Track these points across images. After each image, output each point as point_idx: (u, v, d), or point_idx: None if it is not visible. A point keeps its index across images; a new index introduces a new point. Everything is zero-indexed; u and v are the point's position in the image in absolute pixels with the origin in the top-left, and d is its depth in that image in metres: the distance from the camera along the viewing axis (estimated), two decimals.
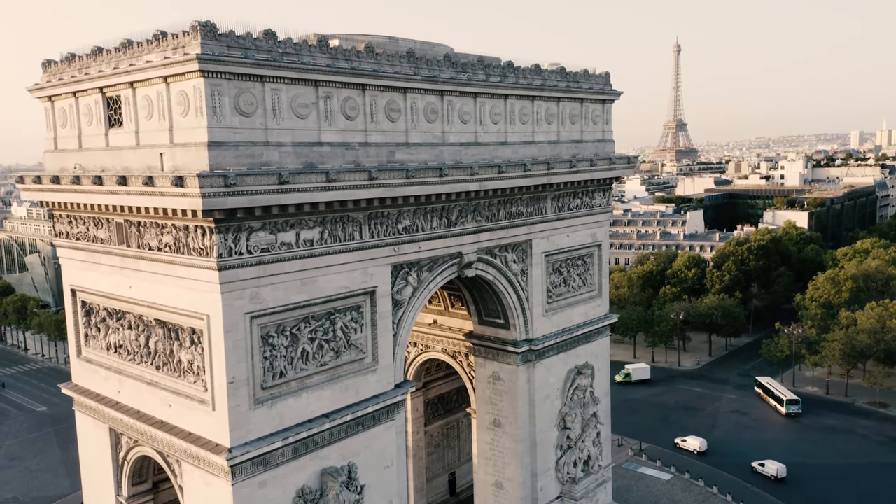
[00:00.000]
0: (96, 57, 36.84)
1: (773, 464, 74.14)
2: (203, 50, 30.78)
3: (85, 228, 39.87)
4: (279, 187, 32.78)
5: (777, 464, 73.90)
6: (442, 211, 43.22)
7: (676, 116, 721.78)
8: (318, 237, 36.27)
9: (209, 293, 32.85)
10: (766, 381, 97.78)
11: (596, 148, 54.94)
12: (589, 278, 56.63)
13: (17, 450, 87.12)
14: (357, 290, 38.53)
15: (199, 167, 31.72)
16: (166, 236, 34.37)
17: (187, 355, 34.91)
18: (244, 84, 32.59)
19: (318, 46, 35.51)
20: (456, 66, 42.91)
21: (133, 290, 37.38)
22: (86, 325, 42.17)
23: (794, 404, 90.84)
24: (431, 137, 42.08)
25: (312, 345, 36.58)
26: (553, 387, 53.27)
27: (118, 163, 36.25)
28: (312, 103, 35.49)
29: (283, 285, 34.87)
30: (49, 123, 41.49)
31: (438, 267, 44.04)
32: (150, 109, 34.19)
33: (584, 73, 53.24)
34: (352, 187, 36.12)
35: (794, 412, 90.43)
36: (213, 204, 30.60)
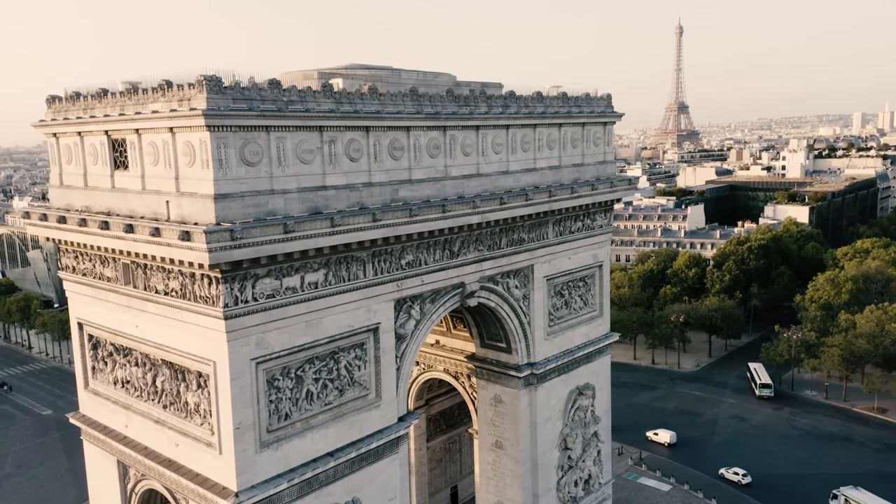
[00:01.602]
0: (101, 99, 37.16)
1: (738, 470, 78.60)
2: (209, 105, 31.09)
3: (91, 265, 40.28)
4: (285, 236, 33.21)
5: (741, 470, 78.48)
6: (445, 243, 43.61)
7: (678, 99, 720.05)
8: (323, 279, 36.70)
9: (215, 340, 33.34)
10: (754, 367, 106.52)
11: (597, 170, 55.18)
12: (590, 298, 57.08)
13: (23, 457, 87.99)
14: (361, 328, 39.03)
15: (205, 218, 32.13)
16: (173, 282, 34.79)
17: (194, 398, 35.47)
18: (250, 134, 32.89)
19: (322, 91, 35.74)
20: (458, 100, 43.09)
21: (140, 330, 37.88)
22: (92, 358, 42.70)
23: (767, 388, 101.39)
24: (434, 172, 42.36)
25: (317, 385, 37.13)
26: (554, 408, 53.87)
27: (124, 205, 36.62)
28: (317, 148, 35.78)
29: (287, 329, 35.36)
30: (54, 158, 41.85)
31: (441, 298, 44.51)
32: (155, 156, 34.52)
33: (585, 98, 53.42)
34: (356, 230, 36.53)
35: (767, 395, 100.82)
36: (220, 258, 31.02)
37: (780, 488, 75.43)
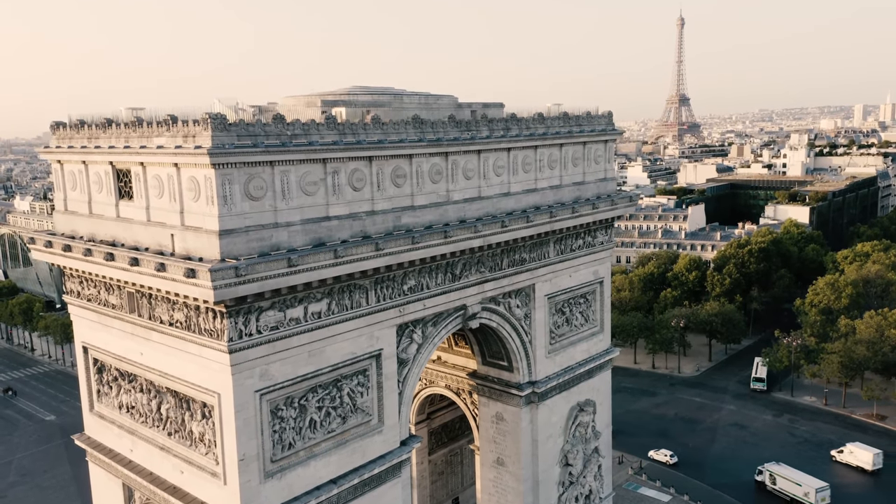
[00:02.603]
0: (105, 129, 37.44)
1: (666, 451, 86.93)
2: (214, 142, 31.33)
3: (96, 292, 40.60)
4: (289, 270, 33.53)
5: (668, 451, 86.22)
6: (447, 267, 43.89)
7: (679, 91, 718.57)
8: (326, 308, 37.01)
9: (220, 373, 33.69)
10: (757, 361, 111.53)
11: (598, 188, 55.39)
12: (591, 315, 57.41)
13: (27, 464, 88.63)
14: (363, 355, 39.37)
15: (210, 253, 32.42)
16: (177, 313, 35.11)
17: (198, 427, 35.84)
18: (254, 169, 33.13)
19: (325, 124, 35.96)
20: (460, 125, 43.25)
21: (144, 357, 38.23)
22: (98, 381, 43.07)
23: (759, 381, 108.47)
24: (436, 197, 42.55)
25: (320, 413, 37.49)
26: (555, 425, 54.27)
27: (129, 235, 36.91)
28: (321, 179, 36.01)
29: (291, 359, 35.69)
30: (58, 184, 42.14)
31: (443, 321, 44.84)
32: (160, 188, 34.79)
33: (586, 116, 53.62)
34: (359, 260, 36.83)
35: (760, 388, 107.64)
36: (225, 294, 31.33)
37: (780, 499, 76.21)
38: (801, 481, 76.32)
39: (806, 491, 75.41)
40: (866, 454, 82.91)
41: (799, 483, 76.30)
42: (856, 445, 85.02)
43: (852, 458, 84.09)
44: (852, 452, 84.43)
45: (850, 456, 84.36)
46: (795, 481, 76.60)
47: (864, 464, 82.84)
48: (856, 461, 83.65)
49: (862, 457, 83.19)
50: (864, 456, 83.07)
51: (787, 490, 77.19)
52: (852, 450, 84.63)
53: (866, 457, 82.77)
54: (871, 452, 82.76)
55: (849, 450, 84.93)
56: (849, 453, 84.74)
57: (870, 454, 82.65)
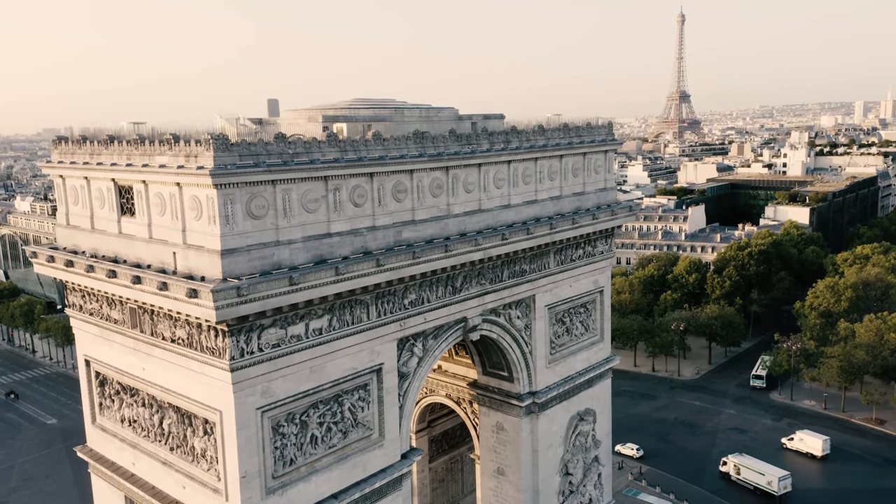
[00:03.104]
0: (107, 146, 37.59)
1: None
2: (216, 163, 31.49)
3: (98, 306, 40.77)
4: (290, 288, 33.69)
5: None
6: (447, 280, 44.06)
7: (680, 88, 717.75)
8: (327, 325, 37.19)
9: (222, 391, 33.88)
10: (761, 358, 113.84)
11: (598, 198, 55.52)
12: (591, 324, 57.58)
13: (30, 468, 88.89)
14: (364, 370, 39.56)
15: (212, 273, 32.60)
16: (179, 330, 35.29)
17: (200, 443, 36.05)
18: (256, 188, 33.27)
19: (326, 141, 36.09)
20: (460, 139, 43.39)
21: (146, 373, 38.41)
22: (100, 395, 43.26)
23: (759, 378, 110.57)
24: (437, 211, 42.70)
25: (321, 429, 37.68)
26: (556, 435, 54.48)
27: (131, 252, 37.07)
28: (322, 197, 36.15)
29: (292, 376, 35.88)
30: (60, 198, 42.31)
31: (444, 334, 45.02)
32: (162, 206, 34.95)
33: (586, 127, 53.72)
34: (360, 276, 37.00)
35: (759, 385, 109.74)
36: (227, 314, 31.51)
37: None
38: (765, 471, 79.85)
39: (769, 480, 78.81)
40: (816, 441, 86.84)
41: (762, 472, 79.79)
42: (805, 433, 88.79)
43: (802, 445, 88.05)
44: (802, 440, 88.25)
45: (801, 443, 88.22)
46: (759, 471, 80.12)
47: (814, 450, 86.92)
48: (806, 448, 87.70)
49: (812, 444, 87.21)
50: (813, 443, 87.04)
51: (751, 479, 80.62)
52: (802, 437, 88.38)
53: (816, 444, 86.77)
54: (820, 439, 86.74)
55: (799, 437, 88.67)
56: (799, 440, 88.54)
57: (819, 441, 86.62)
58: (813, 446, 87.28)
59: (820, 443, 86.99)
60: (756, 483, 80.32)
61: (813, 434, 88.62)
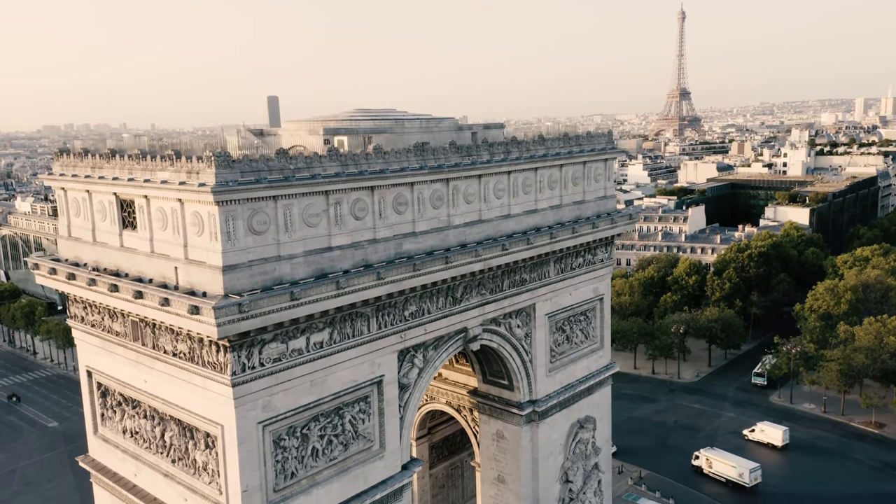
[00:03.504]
0: (109, 160, 37.75)
1: None
2: (218, 180, 31.61)
3: (100, 318, 40.93)
4: (291, 304, 33.85)
5: None
6: (447, 291, 44.19)
7: (680, 85, 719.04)
8: (328, 338, 37.34)
9: (223, 405, 34.05)
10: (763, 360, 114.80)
11: (598, 206, 55.63)
12: (591, 332, 57.74)
13: (31, 473, 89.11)
14: (365, 382, 39.70)
15: (213, 288, 32.74)
16: (181, 344, 35.45)
17: (202, 456, 36.22)
18: (257, 204, 33.39)
19: (328, 156, 36.23)
20: (461, 150, 43.49)
21: (148, 385, 38.59)
22: (101, 405, 43.43)
23: (760, 377, 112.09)
24: (437, 223, 42.80)
25: (322, 441, 37.85)
26: (556, 443, 54.66)
27: (133, 266, 37.21)
28: (323, 211, 36.27)
29: (293, 389, 36.03)
30: (62, 210, 42.43)
31: (444, 344, 45.16)
32: (164, 221, 35.09)
33: (586, 136, 53.87)
34: (361, 289, 37.15)
35: (759, 383, 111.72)
36: (228, 331, 31.67)
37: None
38: (736, 463, 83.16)
39: (741, 472, 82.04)
40: (776, 432, 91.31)
41: (734, 465, 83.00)
42: (766, 424, 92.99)
43: (763, 436, 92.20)
44: (763, 431, 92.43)
45: (762, 434, 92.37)
46: (730, 464, 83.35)
47: (775, 441, 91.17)
48: (767, 439, 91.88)
49: (772, 434, 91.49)
50: (774, 434, 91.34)
51: (723, 472, 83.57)
52: (763, 428, 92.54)
53: (776, 434, 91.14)
54: (780, 430, 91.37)
55: (760, 428, 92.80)
56: (760, 431, 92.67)
57: (779, 432, 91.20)
58: (773, 437, 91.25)
59: (780, 433, 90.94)
60: (728, 476, 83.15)
61: (773, 425, 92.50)
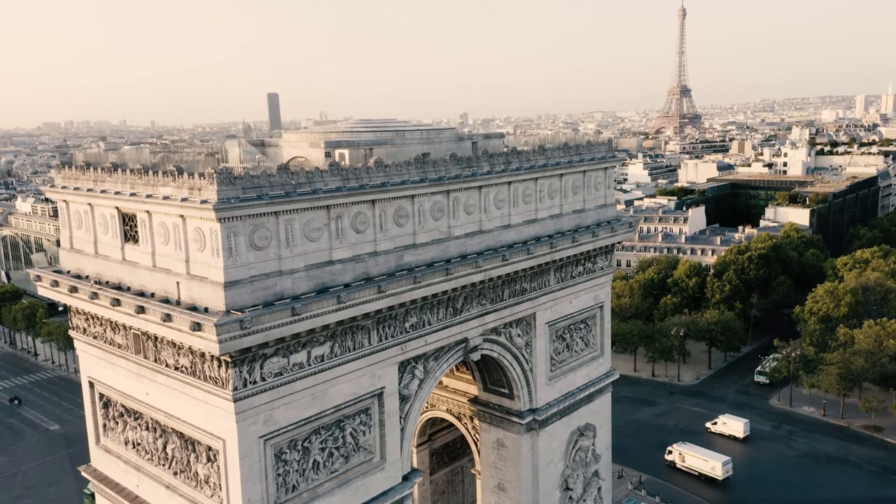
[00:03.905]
0: (111, 173, 37.86)
1: None
2: (220, 197, 31.75)
3: (102, 330, 41.10)
4: (292, 319, 34.02)
5: None
6: (448, 302, 44.35)
7: (681, 82, 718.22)
8: (329, 351, 37.51)
9: (225, 420, 34.23)
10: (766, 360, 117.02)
11: (598, 214, 55.76)
12: (591, 339, 57.91)
13: (33, 476, 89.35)
14: (365, 394, 39.88)
15: (215, 304, 32.90)
16: (183, 359, 35.62)
17: (204, 470, 36.41)
18: (259, 220, 33.51)
19: (329, 170, 36.36)
20: (461, 162, 43.59)
21: (150, 398, 38.77)
22: (104, 416, 43.64)
23: (763, 375, 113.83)
24: (438, 234, 42.95)
25: (323, 454, 38.03)
26: (556, 451, 54.86)
27: (135, 279, 37.36)
28: (324, 225, 36.41)
29: (295, 403, 36.22)
30: (64, 222, 42.59)
31: (445, 355, 45.35)
32: (166, 236, 35.24)
33: (586, 145, 53.95)
34: (362, 303, 37.32)
35: (762, 381, 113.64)
36: (229, 347, 31.85)
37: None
38: (708, 457, 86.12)
39: (713, 465, 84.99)
40: (738, 424, 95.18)
41: (706, 459, 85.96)
42: (728, 417, 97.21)
43: (725, 429, 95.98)
44: (725, 423, 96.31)
45: (724, 426, 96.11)
46: (703, 458, 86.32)
47: (736, 432, 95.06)
48: (729, 431, 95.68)
49: (734, 426, 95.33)
50: (735, 426, 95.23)
51: (696, 466, 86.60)
52: (725, 421, 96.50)
53: (738, 426, 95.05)
54: (741, 422, 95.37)
55: (722, 421, 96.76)
56: (722, 424, 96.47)
57: (741, 424, 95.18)
58: (735, 429, 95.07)
59: (741, 425, 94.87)
60: (700, 469, 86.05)
61: (734, 418, 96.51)
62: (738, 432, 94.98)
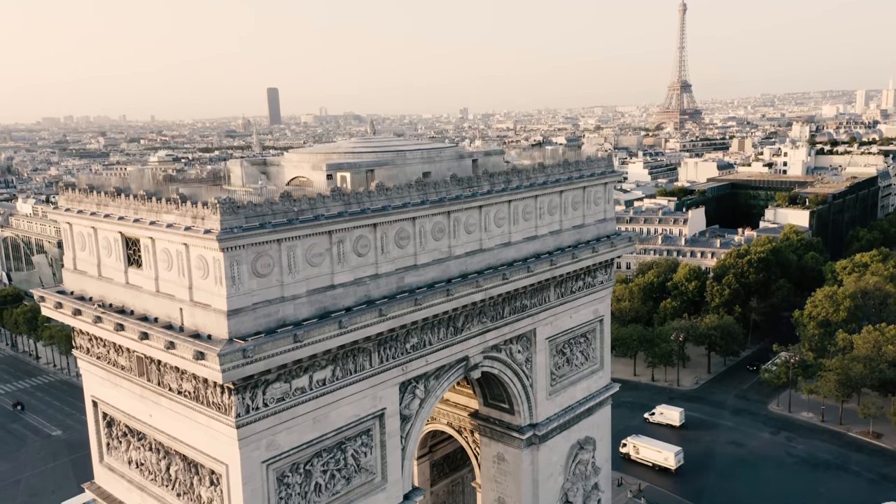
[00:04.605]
0: (114, 198, 38.14)
1: None
2: (223, 226, 32.03)
3: (105, 351, 41.42)
4: (294, 346, 34.35)
5: None
6: (449, 321, 44.66)
7: (681, 77, 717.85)
8: (331, 375, 37.85)
9: (227, 445, 34.59)
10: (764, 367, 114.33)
11: (598, 229, 56.01)
12: (591, 353, 58.24)
13: (35, 483, 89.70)
14: (367, 416, 40.24)
15: (218, 332, 33.22)
16: (186, 384, 35.94)
17: (207, 493, 36.78)
18: (261, 248, 33.82)
19: (331, 196, 36.63)
20: (461, 183, 43.82)
21: (153, 419, 39.11)
22: (107, 435, 44.00)
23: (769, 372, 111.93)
24: (439, 254, 43.22)
25: (325, 476, 38.41)
26: (556, 465, 55.23)
27: (139, 303, 37.68)
28: (326, 250, 36.70)
29: (297, 427, 36.58)
30: (67, 243, 42.92)
31: (445, 374, 45.70)
32: (169, 262, 35.53)
33: (586, 161, 54.21)
34: (363, 327, 37.64)
35: None
36: (232, 376, 32.20)
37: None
38: (661, 448, 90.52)
39: (665, 457, 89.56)
40: (674, 413, 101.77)
41: (659, 450, 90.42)
42: (665, 407, 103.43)
43: (662, 418, 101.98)
44: (662, 413, 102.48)
45: (661, 416, 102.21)
46: (656, 449, 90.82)
47: (673, 421, 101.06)
48: (666, 420, 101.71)
49: (670, 415, 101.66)
50: (672, 415, 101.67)
51: (650, 458, 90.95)
52: (662, 411, 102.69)
53: (674, 415, 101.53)
54: (677, 411, 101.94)
55: (659, 411, 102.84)
56: (659, 414, 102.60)
57: (677, 413, 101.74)
58: (671, 418, 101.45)
59: (677, 414, 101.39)
60: (654, 460, 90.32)
61: (671, 408, 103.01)
62: (674, 421, 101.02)
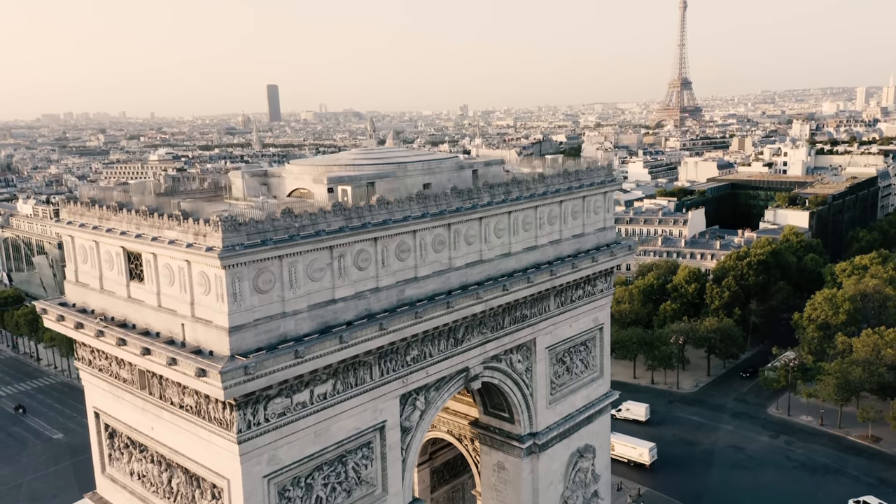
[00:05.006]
0: (116, 212, 38.30)
1: None
2: (224, 244, 32.17)
3: (107, 364, 41.63)
4: (296, 361, 34.53)
5: None
6: (449, 333, 44.84)
7: (681, 75, 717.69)
8: (331, 389, 38.04)
9: (229, 460, 34.80)
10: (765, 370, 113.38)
11: (597, 238, 56.14)
12: (591, 361, 58.42)
13: (37, 487, 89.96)
14: (367, 429, 40.43)
15: (220, 348, 33.40)
16: (188, 398, 36.15)
17: None
18: (263, 264, 33.97)
19: (332, 211, 36.74)
20: (462, 195, 43.93)
21: (155, 432, 39.32)
22: (109, 446, 44.22)
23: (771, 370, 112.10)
24: (439, 266, 43.36)
25: (326, 489, 38.61)
26: (556, 473, 55.44)
27: (140, 318, 37.86)
28: (327, 265, 36.86)
29: (298, 442, 36.78)
30: (69, 256, 43.09)
31: (446, 385, 45.89)
32: (171, 278, 35.71)
33: (585, 170, 54.30)
34: (364, 341, 37.83)
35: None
36: (234, 392, 32.38)
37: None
38: (636, 445, 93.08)
39: (640, 452, 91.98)
40: (640, 409, 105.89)
41: (634, 447, 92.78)
42: (631, 403, 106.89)
43: (629, 414, 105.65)
44: (629, 409, 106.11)
45: (628, 412, 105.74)
46: (630, 445, 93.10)
47: (639, 416, 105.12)
48: (632, 416, 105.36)
49: (636, 411, 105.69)
50: (638, 410, 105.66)
51: (625, 454, 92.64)
52: (629, 407, 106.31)
53: (640, 410, 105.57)
54: (643, 407, 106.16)
55: (626, 407, 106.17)
56: (626, 410, 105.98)
57: (643, 408, 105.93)
58: (638, 413, 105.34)
59: (643, 410, 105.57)
60: (629, 456, 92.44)
61: (637, 404, 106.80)
62: (640, 416, 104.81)
